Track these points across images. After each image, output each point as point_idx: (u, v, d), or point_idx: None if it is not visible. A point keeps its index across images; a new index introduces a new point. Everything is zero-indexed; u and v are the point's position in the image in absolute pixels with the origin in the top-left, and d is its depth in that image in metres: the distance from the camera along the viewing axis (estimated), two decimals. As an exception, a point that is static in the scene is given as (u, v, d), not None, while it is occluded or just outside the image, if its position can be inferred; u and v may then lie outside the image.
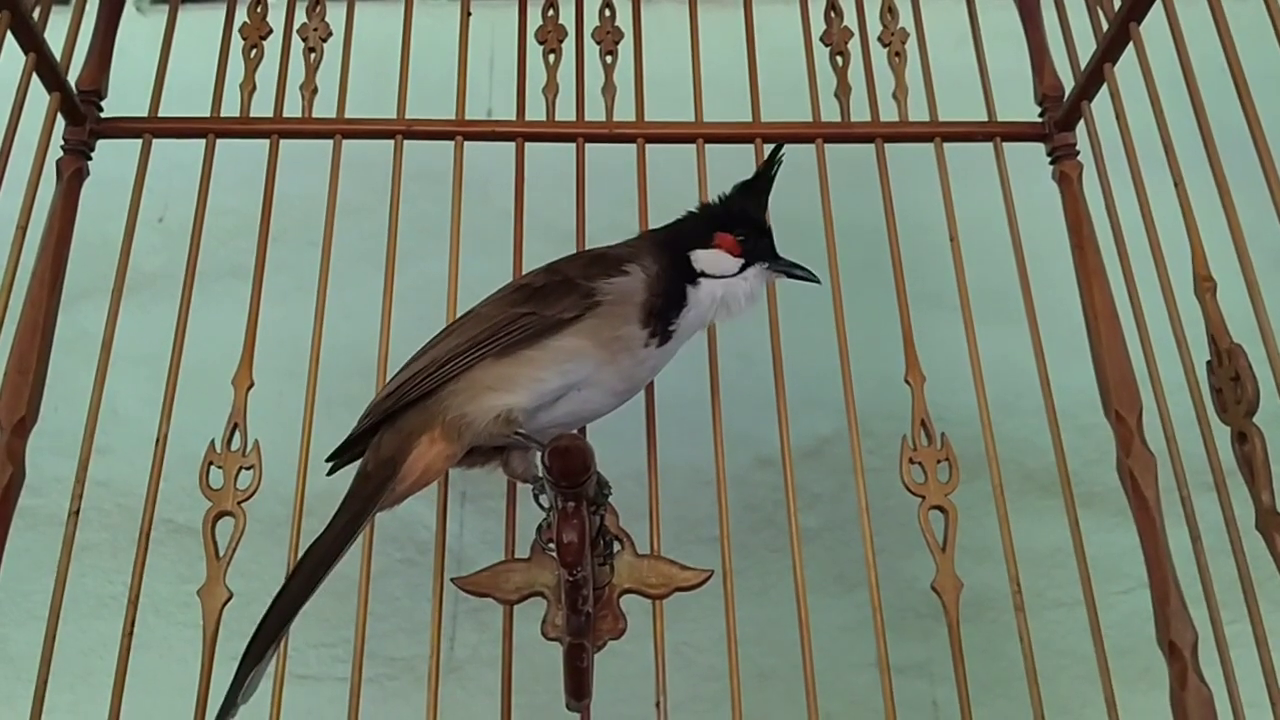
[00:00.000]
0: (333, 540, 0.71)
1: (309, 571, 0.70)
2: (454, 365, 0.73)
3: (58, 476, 0.86)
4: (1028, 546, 0.85)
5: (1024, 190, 0.94)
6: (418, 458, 0.73)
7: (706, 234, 0.83)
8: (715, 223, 0.84)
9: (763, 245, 0.84)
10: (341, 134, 0.95)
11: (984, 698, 0.78)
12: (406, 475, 0.73)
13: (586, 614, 0.70)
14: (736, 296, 0.82)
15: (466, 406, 0.73)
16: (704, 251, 0.82)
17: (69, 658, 0.79)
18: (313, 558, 0.70)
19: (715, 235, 0.83)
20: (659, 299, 0.78)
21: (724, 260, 0.82)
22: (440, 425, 0.73)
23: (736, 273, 0.82)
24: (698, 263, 0.82)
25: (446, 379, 0.73)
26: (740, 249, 0.82)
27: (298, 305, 0.91)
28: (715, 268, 0.82)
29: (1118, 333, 0.88)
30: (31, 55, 0.85)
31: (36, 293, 0.86)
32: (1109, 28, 0.88)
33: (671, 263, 0.81)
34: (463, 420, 0.73)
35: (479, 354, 0.73)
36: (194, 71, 0.97)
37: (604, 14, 1.02)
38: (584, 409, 0.78)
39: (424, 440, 0.73)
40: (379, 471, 0.73)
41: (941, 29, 1.02)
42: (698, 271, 0.81)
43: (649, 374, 0.80)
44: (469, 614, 1.21)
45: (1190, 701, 0.74)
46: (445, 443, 0.73)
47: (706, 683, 1.15)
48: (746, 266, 0.82)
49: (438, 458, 0.74)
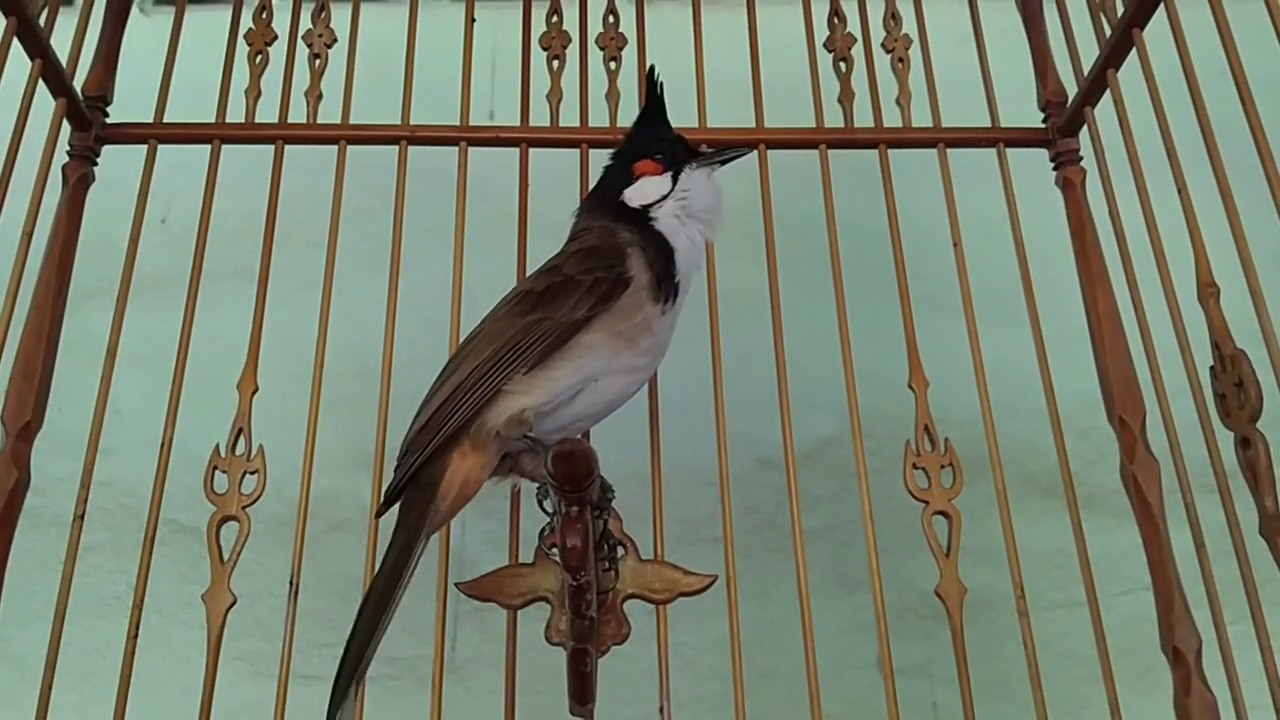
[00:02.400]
0: (390, 573, 0.70)
1: (372, 609, 0.69)
2: (487, 387, 0.72)
3: (62, 477, 0.86)
4: (1029, 548, 0.85)
5: (1027, 195, 0.94)
6: (454, 474, 0.73)
7: (626, 172, 0.83)
8: (629, 158, 0.84)
9: (679, 151, 0.84)
10: (346, 140, 0.95)
11: (985, 699, 0.78)
12: (446, 494, 0.72)
13: (590, 619, 0.70)
14: (692, 203, 0.82)
15: (486, 414, 0.72)
16: (631, 189, 0.82)
17: (73, 658, 0.79)
18: (373, 594, 0.70)
19: (633, 168, 0.83)
20: (657, 263, 0.77)
21: (651, 184, 0.82)
22: (467, 437, 0.73)
23: (672, 188, 0.82)
24: (632, 201, 0.81)
25: (480, 402, 0.72)
26: (660, 165, 0.82)
27: (301, 307, 0.91)
28: (649, 195, 0.81)
29: (1121, 338, 0.88)
30: (37, 61, 0.85)
31: (42, 298, 0.86)
32: (1111, 33, 0.88)
33: (632, 215, 0.81)
34: (483, 426, 0.72)
35: (506, 372, 0.72)
36: (199, 76, 0.97)
37: (607, 20, 1.02)
38: (604, 397, 0.76)
39: (455, 455, 0.73)
40: (419, 497, 0.73)
41: (944, 34, 1.02)
42: (641, 209, 0.81)
43: (668, 333, 0.79)
44: (471, 615, 1.21)
45: (1194, 708, 0.74)
46: (476, 453, 0.73)
47: (708, 683, 1.15)
48: (675, 177, 0.82)
49: (473, 469, 0.73)
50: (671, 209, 0.81)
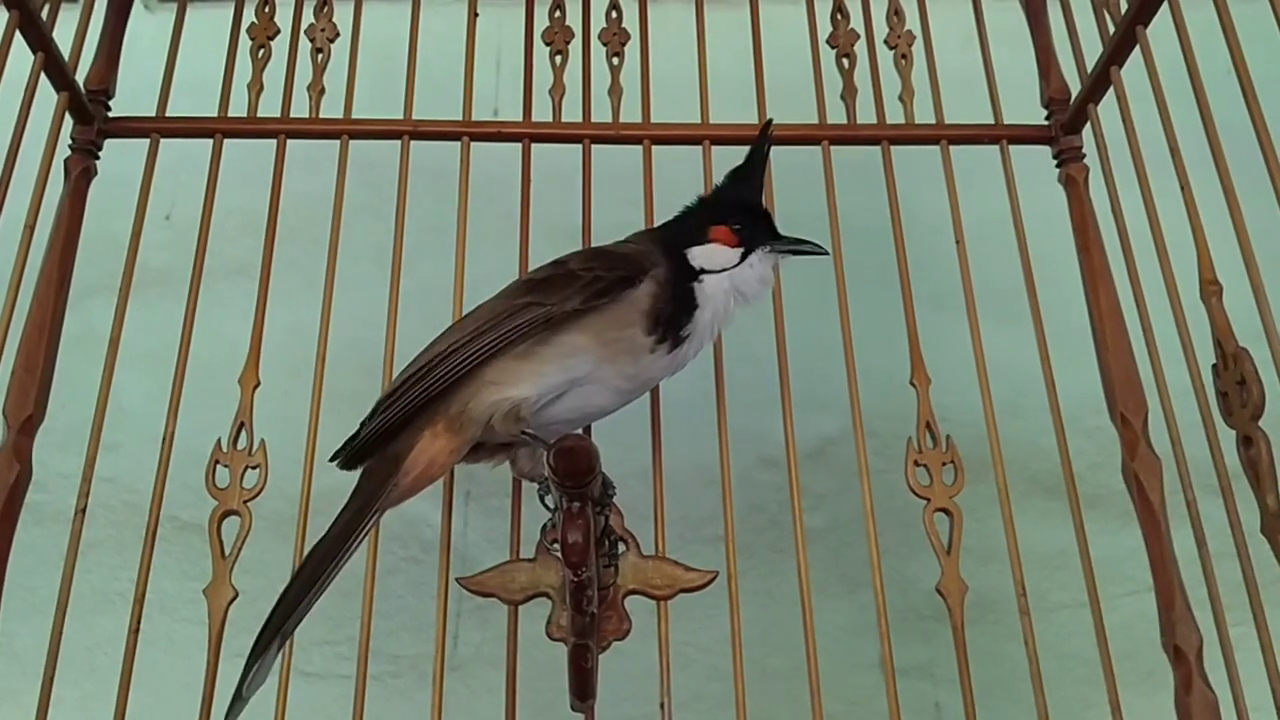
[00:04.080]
0: (336, 537, 0.71)
1: (312, 568, 0.70)
2: (458, 360, 0.72)
3: (64, 473, 0.86)
4: (1031, 549, 0.85)
5: (1030, 193, 0.93)
6: (420, 452, 0.73)
7: (702, 229, 0.82)
8: (710, 216, 0.83)
9: (760, 229, 0.83)
10: (348, 134, 0.95)
11: (987, 700, 0.78)
12: (410, 470, 0.73)
13: (591, 615, 0.70)
14: (748, 282, 0.82)
15: (469, 400, 0.72)
16: (699, 249, 0.81)
17: (74, 654, 0.79)
18: (316, 555, 0.70)
19: (710, 229, 0.82)
20: (667, 305, 0.77)
21: (722, 254, 0.81)
22: (443, 419, 0.73)
23: (738, 263, 0.81)
24: (695, 261, 0.81)
25: (452, 376, 0.72)
26: (737, 238, 0.82)
27: (303, 303, 0.91)
28: (714, 263, 0.81)
29: (1123, 335, 0.88)
30: (40, 55, 0.85)
31: (44, 292, 0.86)
32: (1115, 31, 0.88)
33: (676, 265, 0.80)
34: (465, 414, 0.72)
35: (483, 348, 0.72)
36: (201, 71, 0.97)
37: (611, 15, 1.02)
38: (588, 405, 0.77)
39: (426, 434, 0.73)
40: (382, 468, 0.73)
41: (947, 32, 1.02)
42: (698, 270, 0.81)
43: (659, 373, 0.79)
44: (473, 612, 1.21)
45: (1195, 706, 0.74)
46: (448, 436, 0.73)
47: (709, 683, 1.15)
48: (747, 254, 0.82)
49: (441, 452, 0.73)
50: (724, 282, 0.81)
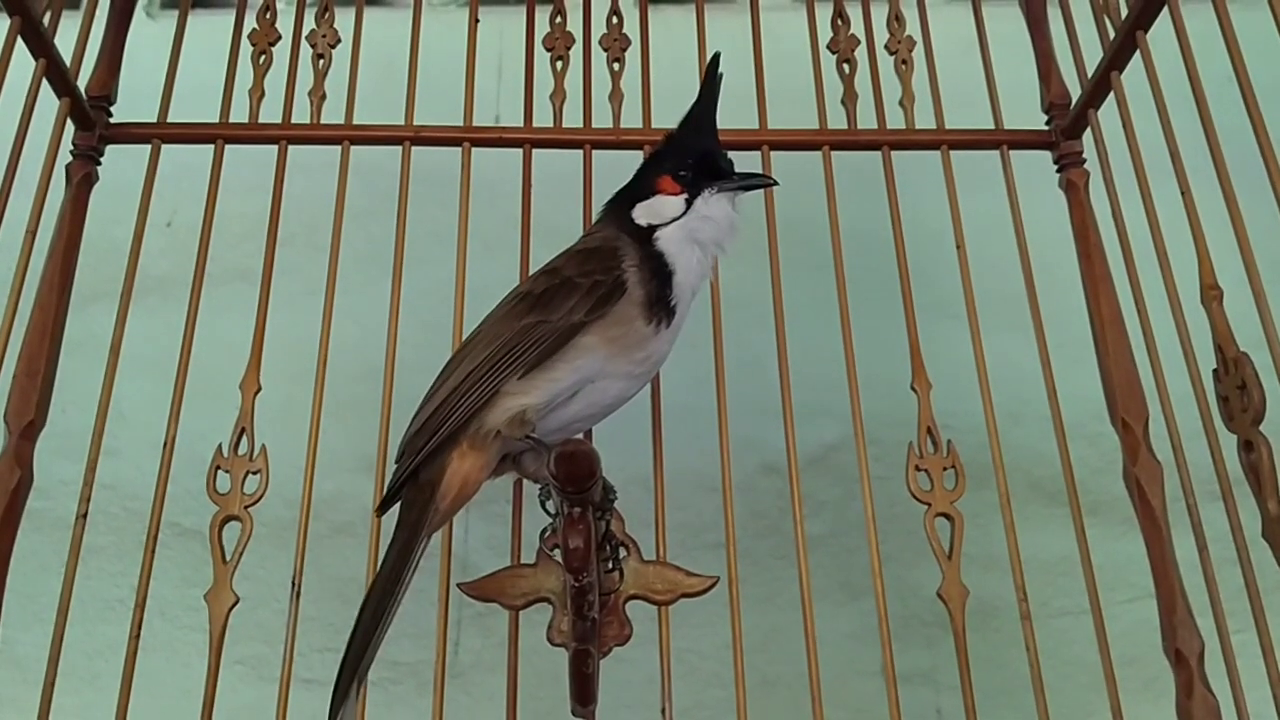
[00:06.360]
0: (390, 572, 0.70)
1: (373, 608, 0.69)
2: (481, 390, 0.72)
3: (65, 479, 0.86)
4: (1033, 555, 0.85)
5: (1030, 198, 0.93)
6: (453, 474, 0.73)
7: (649, 184, 0.80)
8: (656, 169, 0.81)
9: (705, 168, 0.80)
10: (349, 140, 0.95)
11: (989, 706, 0.78)
12: (446, 493, 0.72)
13: (592, 620, 0.70)
14: (702, 230, 0.78)
15: (486, 415, 0.72)
16: (642, 204, 0.79)
17: (75, 660, 0.79)
18: (375, 594, 0.70)
19: (655, 182, 0.80)
20: (651, 283, 0.76)
21: (667, 205, 0.79)
22: (466, 438, 0.73)
23: (685, 211, 0.79)
24: (640, 218, 0.79)
25: (475, 406, 0.72)
26: (678, 185, 0.79)
27: (305, 309, 0.91)
28: (660, 216, 0.79)
29: (1124, 340, 0.87)
30: (42, 61, 0.85)
31: (45, 297, 0.86)
32: (1116, 36, 0.88)
33: (637, 233, 0.78)
34: (484, 427, 0.72)
35: (502, 375, 0.72)
36: (203, 77, 0.98)
37: (611, 21, 1.03)
38: (604, 398, 0.76)
39: (454, 456, 0.73)
40: (419, 496, 0.73)
41: (948, 37, 1.02)
42: (646, 227, 0.78)
43: (666, 348, 0.78)
44: (473, 619, 1.21)
45: (1196, 711, 0.74)
46: (475, 453, 0.73)
47: (711, 690, 1.15)
48: (692, 199, 0.79)
49: (473, 468, 0.73)
50: (678, 234, 0.78)
